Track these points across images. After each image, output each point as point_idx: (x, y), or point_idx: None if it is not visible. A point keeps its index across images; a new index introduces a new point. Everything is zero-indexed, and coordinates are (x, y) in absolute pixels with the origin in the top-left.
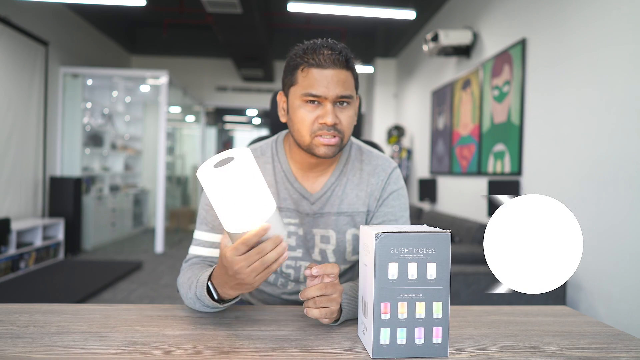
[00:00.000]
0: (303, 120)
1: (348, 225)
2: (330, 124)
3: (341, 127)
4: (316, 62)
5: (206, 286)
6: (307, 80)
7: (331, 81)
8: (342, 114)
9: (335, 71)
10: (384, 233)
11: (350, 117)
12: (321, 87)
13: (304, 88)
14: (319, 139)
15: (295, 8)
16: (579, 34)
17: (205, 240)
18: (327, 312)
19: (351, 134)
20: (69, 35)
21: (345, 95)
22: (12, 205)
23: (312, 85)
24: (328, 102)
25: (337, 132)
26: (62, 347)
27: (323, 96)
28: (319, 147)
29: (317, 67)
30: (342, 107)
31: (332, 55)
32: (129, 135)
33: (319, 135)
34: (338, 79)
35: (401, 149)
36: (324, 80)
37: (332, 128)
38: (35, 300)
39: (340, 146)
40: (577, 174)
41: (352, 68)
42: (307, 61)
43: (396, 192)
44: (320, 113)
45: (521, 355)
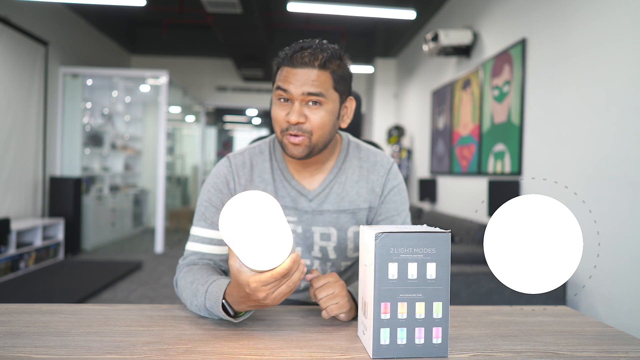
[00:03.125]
0: (275, 117)
1: (349, 222)
2: (293, 122)
3: (309, 126)
4: (289, 62)
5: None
6: (279, 77)
7: (300, 79)
8: (312, 114)
9: (305, 70)
10: (384, 233)
11: (322, 117)
12: (289, 84)
13: (276, 83)
14: (287, 138)
15: (295, 8)
16: (579, 34)
17: (203, 237)
18: (336, 307)
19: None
20: (69, 35)
21: (312, 92)
22: (12, 205)
23: (281, 80)
24: (295, 100)
25: (303, 132)
26: (62, 347)
27: (289, 91)
28: (288, 146)
29: (290, 66)
30: (313, 107)
31: (304, 55)
32: (129, 135)
33: (287, 134)
34: (307, 77)
35: (401, 149)
36: (292, 77)
37: (296, 127)
38: (35, 300)
39: (310, 146)
40: (578, 174)
41: (330, 68)
42: (283, 61)
43: (396, 187)
44: (289, 111)
45: (521, 355)
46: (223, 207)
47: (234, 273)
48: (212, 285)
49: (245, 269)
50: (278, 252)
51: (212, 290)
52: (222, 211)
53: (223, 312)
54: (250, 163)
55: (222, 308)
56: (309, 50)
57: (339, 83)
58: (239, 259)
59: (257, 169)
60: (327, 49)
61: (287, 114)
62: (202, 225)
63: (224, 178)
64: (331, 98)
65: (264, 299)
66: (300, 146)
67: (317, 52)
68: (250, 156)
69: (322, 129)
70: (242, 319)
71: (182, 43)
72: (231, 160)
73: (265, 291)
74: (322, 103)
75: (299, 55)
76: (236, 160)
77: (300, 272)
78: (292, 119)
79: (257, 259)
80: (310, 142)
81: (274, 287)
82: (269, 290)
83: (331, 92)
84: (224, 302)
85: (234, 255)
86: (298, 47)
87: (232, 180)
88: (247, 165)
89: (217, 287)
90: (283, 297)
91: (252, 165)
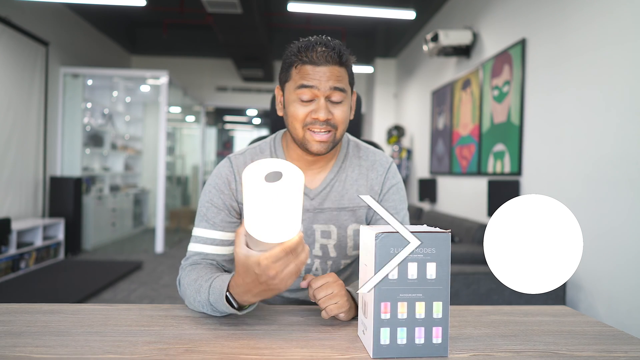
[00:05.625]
0: (296, 115)
1: (349, 220)
2: (322, 119)
3: (334, 121)
4: (309, 60)
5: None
6: (300, 75)
7: (323, 76)
8: (335, 109)
9: (328, 67)
10: (384, 233)
11: (344, 112)
12: (314, 80)
13: (297, 81)
14: (311, 135)
15: (295, 8)
16: (578, 34)
17: (206, 237)
18: (335, 307)
19: (346, 130)
20: (69, 35)
21: (338, 87)
22: (12, 205)
23: (305, 78)
24: (321, 96)
25: (331, 127)
26: (62, 347)
27: (315, 87)
28: (312, 143)
29: (310, 64)
30: (337, 103)
31: (325, 53)
32: (129, 135)
33: (311, 129)
34: (331, 74)
35: (401, 149)
36: (316, 75)
37: (325, 123)
38: (35, 300)
39: (334, 142)
40: (577, 174)
41: (346, 64)
42: (300, 59)
43: (395, 185)
44: (313, 108)
45: (521, 355)
46: (224, 206)
47: (240, 259)
48: (215, 280)
49: (252, 252)
50: (291, 225)
51: (216, 284)
52: (249, 167)
53: (227, 305)
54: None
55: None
56: (326, 47)
57: (351, 77)
58: (244, 244)
59: None
60: (339, 45)
61: (312, 111)
62: (204, 226)
63: (225, 178)
64: (349, 93)
65: (274, 278)
66: (327, 142)
67: (335, 50)
68: (251, 156)
69: (344, 124)
70: (246, 311)
71: (182, 43)
72: (232, 160)
73: (275, 269)
74: (344, 98)
75: (320, 53)
76: (237, 160)
77: (306, 252)
78: (321, 116)
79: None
80: (335, 138)
81: (284, 264)
82: (279, 267)
83: (348, 87)
84: (227, 294)
85: (240, 243)
86: (312, 44)
87: (234, 181)
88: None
89: (221, 281)
90: (291, 278)
91: None
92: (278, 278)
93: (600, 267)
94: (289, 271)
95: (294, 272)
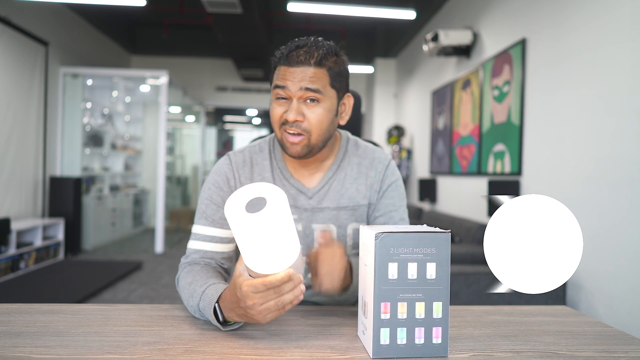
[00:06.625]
0: (273, 116)
1: (349, 219)
2: (291, 120)
3: (307, 124)
4: (286, 61)
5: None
6: (276, 76)
7: (297, 77)
8: (309, 111)
9: (302, 68)
10: (384, 233)
11: (319, 114)
12: (286, 81)
13: (274, 82)
14: (286, 136)
15: (295, 8)
16: (579, 34)
17: (205, 235)
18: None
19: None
20: (69, 35)
21: (310, 87)
22: (12, 205)
23: (278, 78)
24: (293, 97)
25: (301, 130)
26: (62, 347)
27: (287, 88)
28: (286, 144)
29: (286, 65)
30: (311, 104)
31: (300, 53)
32: (129, 135)
33: (284, 131)
34: (304, 75)
35: (401, 149)
36: (289, 75)
37: (294, 125)
38: (35, 300)
39: (309, 145)
40: (577, 174)
41: (326, 65)
42: (279, 60)
43: (394, 183)
44: (286, 109)
45: (521, 355)
46: (223, 203)
47: (235, 275)
48: (209, 287)
49: (245, 273)
50: (277, 258)
51: (209, 293)
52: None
53: (213, 316)
54: (250, 161)
55: (214, 313)
56: (305, 48)
57: (335, 80)
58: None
59: (257, 167)
60: (323, 46)
61: (285, 112)
62: (203, 223)
63: (224, 176)
64: (328, 95)
65: (251, 308)
66: (299, 145)
67: (313, 50)
68: (251, 154)
69: (320, 127)
70: (230, 328)
71: (182, 43)
72: (231, 158)
73: (253, 299)
74: (319, 100)
75: (295, 54)
76: (236, 158)
77: (293, 295)
78: (290, 116)
79: (256, 261)
80: (310, 142)
81: (262, 297)
82: (258, 299)
83: (328, 89)
84: (216, 305)
85: (241, 259)
86: (294, 46)
87: (233, 178)
88: (247, 163)
89: (214, 290)
90: (270, 315)
91: (252, 164)
92: (255, 310)
93: (600, 267)
94: (266, 307)
95: (273, 309)
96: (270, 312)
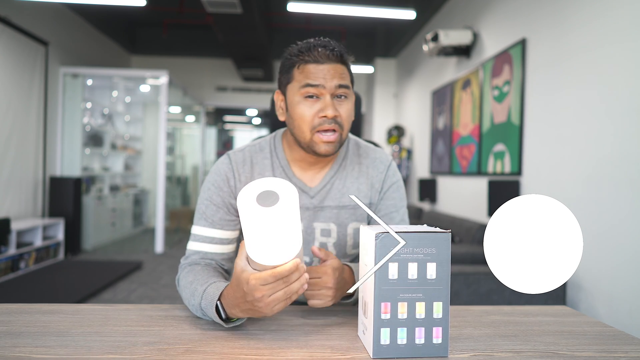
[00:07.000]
0: (303, 116)
1: (350, 218)
2: (331, 116)
3: (341, 119)
4: (312, 59)
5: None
6: (303, 75)
7: (328, 74)
8: (341, 108)
9: (331, 65)
10: (384, 233)
11: (348, 110)
12: (319, 78)
13: (301, 81)
14: (319, 136)
15: (295, 8)
16: (579, 34)
17: (204, 236)
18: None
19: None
20: (69, 35)
21: (343, 84)
22: (12, 205)
23: (309, 77)
24: (327, 94)
25: (338, 125)
26: (62, 347)
27: (321, 85)
28: (319, 144)
29: (314, 62)
30: (341, 100)
31: (327, 51)
32: (129, 135)
33: (320, 130)
34: (335, 71)
35: (401, 149)
36: (320, 73)
37: (333, 121)
38: (35, 300)
39: (340, 142)
40: (577, 174)
41: (347, 63)
42: (302, 59)
43: (395, 183)
44: (320, 107)
45: (521, 355)
46: (223, 203)
47: (236, 271)
48: (210, 286)
49: (248, 268)
50: (284, 250)
51: (210, 291)
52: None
53: (215, 313)
54: (250, 160)
55: (216, 310)
56: (328, 47)
57: (352, 76)
58: (245, 258)
59: (258, 166)
60: (339, 45)
61: (320, 110)
62: (202, 224)
63: (224, 175)
64: (351, 91)
65: (259, 300)
66: (334, 142)
67: (335, 48)
68: (251, 153)
69: (349, 121)
70: (233, 325)
71: (182, 43)
72: (231, 157)
73: (262, 291)
74: (347, 96)
75: (322, 52)
76: (236, 157)
77: (300, 283)
78: (330, 113)
79: (265, 253)
80: (341, 138)
81: (271, 288)
82: (266, 291)
83: (350, 86)
84: (218, 303)
85: (241, 255)
86: (316, 44)
87: (233, 177)
88: (247, 163)
89: (215, 288)
90: (279, 305)
91: (252, 163)
92: (263, 302)
93: (600, 267)
94: (275, 297)
95: (282, 299)
96: (278, 302)
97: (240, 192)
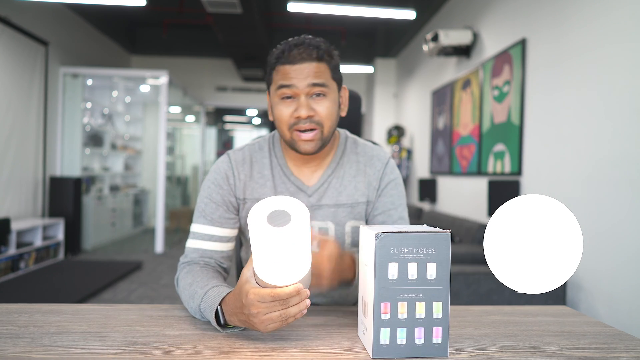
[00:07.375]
0: (281, 117)
1: (347, 217)
2: (304, 116)
3: (318, 118)
4: (287, 60)
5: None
6: (279, 76)
7: (301, 74)
8: (318, 105)
9: (305, 64)
10: (384, 233)
11: (327, 107)
12: (292, 79)
13: (277, 82)
14: (297, 135)
15: (295, 8)
16: (579, 34)
17: (204, 233)
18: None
19: (336, 126)
20: (69, 35)
21: (317, 82)
22: (12, 205)
23: (284, 78)
24: (301, 94)
25: (315, 124)
26: (62, 347)
27: (294, 86)
28: (299, 143)
29: (288, 63)
30: (318, 99)
31: (300, 51)
32: (129, 135)
33: (297, 129)
34: (308, 71)
35: (401, 149)
36: (293, 73)
37: (309, 120)
38: (35, 300)
39: (322, 140)
40: (578, 174)
41: (326, 60)
42: (278, 60)
43: (393, 181)
44: (295, 107)
45: (521, 355)
46: (222, 202)
47: (241, 280)
48: (211, 289)
49: (252, 280)
50: (289, 272)
51: (211, 294)
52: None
53: (214, 318)
54: (250, 159)
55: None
56: (303, 46)
57: (335, 72)
58: (252, 268)
59: (257, 165)
60: (318, 41)
61: (294, 110)
62: (202, 222)
63: (224, 174)
64: (332, 88)
65: (254, 316)
66: (313, 141)
67: (311, 46)
68: (250, 152)
69: (330, 119)
70: (230, 331)
71: (182, 43)
72: (231, 156)
73: (258, 308)
74: (325, 94)
75: (296, 52)
76: (236, 156)
77: (298, 309)
78: (302, 113)
79: (269, 272)
80: (322, 135)
81: (268, 307)
82: (262, 308)
83: (331, 82)
84: (218, 308)
85: (250, 264)
86: (291, 45)
87: (232, 176)
88: (246, 161)
89: (217, 293)
90: (273, 325)
91: (251, 162)
92: (258, 318)
93: (600, 267)
94: (270, 317)
95: (277, 320)
96: (273, 322)
97: (252, 209)
